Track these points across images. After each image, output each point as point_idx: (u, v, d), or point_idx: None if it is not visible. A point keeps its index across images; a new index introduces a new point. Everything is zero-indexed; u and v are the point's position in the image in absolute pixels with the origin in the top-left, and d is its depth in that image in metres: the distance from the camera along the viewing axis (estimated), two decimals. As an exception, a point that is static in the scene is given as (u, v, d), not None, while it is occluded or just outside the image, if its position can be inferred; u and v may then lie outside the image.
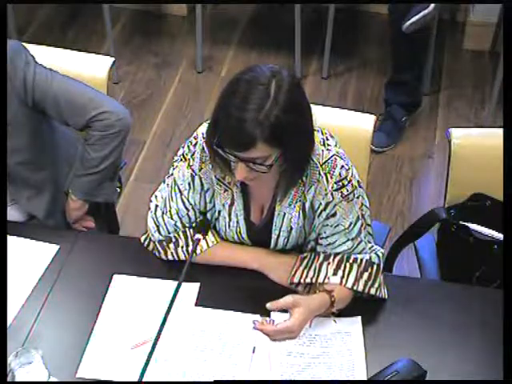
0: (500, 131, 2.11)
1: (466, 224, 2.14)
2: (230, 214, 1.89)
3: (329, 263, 1.86)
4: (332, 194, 1.79)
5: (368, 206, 1.93)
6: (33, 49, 2.12)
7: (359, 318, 1.86)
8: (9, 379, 1.62)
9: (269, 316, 1.84)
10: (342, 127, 2.14)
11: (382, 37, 4.09)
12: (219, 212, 1.90)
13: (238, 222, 1.90)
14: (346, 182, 1.79)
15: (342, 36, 4.03)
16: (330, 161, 1.79)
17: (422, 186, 3.43)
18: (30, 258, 1.97)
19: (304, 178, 1.80)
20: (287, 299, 1.79)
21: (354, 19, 4.34)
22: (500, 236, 2.10)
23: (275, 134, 1.60)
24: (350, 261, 1.86)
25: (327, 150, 1.80)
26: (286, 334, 1.78)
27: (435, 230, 2.30)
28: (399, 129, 3.61)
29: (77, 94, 2.08)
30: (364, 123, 2.19)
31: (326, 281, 1.84)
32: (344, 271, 1.85)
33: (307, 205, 1.83)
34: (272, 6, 4.32)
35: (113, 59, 2.36)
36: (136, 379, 1.59)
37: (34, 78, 2.03)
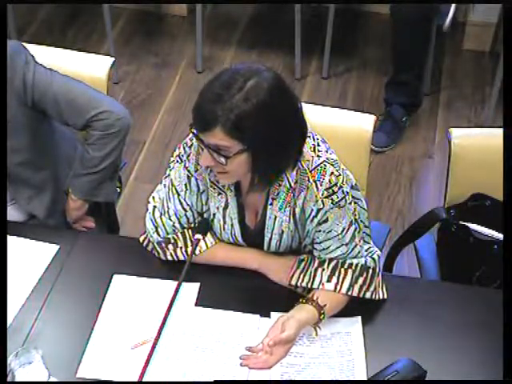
0: (500, 131, 2.11)
1: (466, 224, 2.14)
2: (224, 217, 1.89)
3: (323, 269, 1.86)
4: (322, 200, 1.78)
5: (365, 207, 1.92)
6: (33, 49, 2.12)
7: (359, 318, 1.86)
8: (9, 379, 1.62)
9: (268, 316, 1.84)
10: (342, 127, 2.14)
11: (382, 37, 4.10)
12: (214, 214, 1.90)
13: (232, 225, 1.90)
14: (336, 189, 1.78)
15: (342, 36, 4.03)
16: (319, 167, 1.78)
17: (421, 186, 3.43)
18: (30, 257, 1.97)
19: (293, 184, 1.79)
20: (286, 336, 1.74)
21: (354, 19, 4.34)
22: (500, 236, 2.10)
23: (236, 125, 1.60)
24: (345, 266, 1.86)
25: (317, 156, 1.79)
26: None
27: (435, 230, 2.30)
28: (399, 129, 3.61)
29: (77, 94, 2.08)
30: (364, 123, 2.19)
31: (321, 287, 1.84)
32: (338, 277, 1.85)
33: (297, 210, 1.82)
34: (272, 6, 4.32)
35: (113, 59, 2.36)
36: (136, 379, 1.59)
37: (34, 78, 2.03)
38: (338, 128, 2.03)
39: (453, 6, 3.42)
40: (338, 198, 1.79)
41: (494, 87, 3.65)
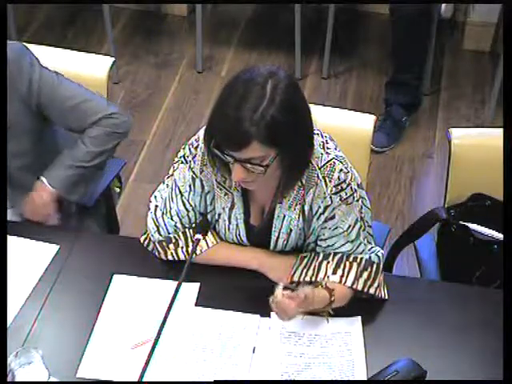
0: (500, 131, 2.11)
1: (466, 224, 2.14)
2: (229, 217, 1.89)
3: (328, 262, 1.86)
4: (331, 197, 1.79)
5: (369, 206, 1.93)
6: (33, 49, 2.12)
7: (359, 317, 1.86)
8: (9, 379, 1.62)
9: (268, 316, 1.84)
10: (342, 127, 2.14)
11: (382, 37, 4.10)
12: (219, 215, 1.90)
13: (237, 225, 1.90)
14: (344, 186, 1.79)
15: (342, 36, 4.04)
16: (328, 164, 1.79)
17: (421, 186, 3.43)
18: (30, 257, 1.97)
19: (303, 181, 1.79)
20: (302, 297, 1.73)
21: (354, 19, 4.34)
22: (500, 236, 2.10)
23: (270, 133, 1.60)
24: (350, 259, 1.86)
25: (326, 153, 1.80)
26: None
27: (435, 230, 2.30)
28: (399, 129, 3.61)
29: (82, 100, 2.08)
30: (364, 123, 2.19)
31: (326, 279, 1.84)
32: (344, 270, 1.85)
33: (306, 207, 1.83)
34: (272, 6, 4.32)
35: (113, 59, 2.36)
36: (136, 379, 1.59)
37: (40, 82, 2.02)
38: (338, 128, 2.03)
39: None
40: (346, 194, 1.79)
41: (493, 87, 3.65)
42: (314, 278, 1.85)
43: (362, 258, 1.87)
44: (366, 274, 1.86)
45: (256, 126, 1.59)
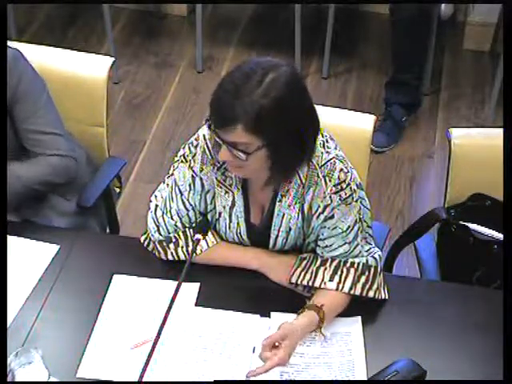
0: (500, 131, 2.11)
1: (466, 224, 2.14)
2: (230, 216, 1.89)
3: (325, 268, 1.86)
4: (330, 196, 1.79)
5: (368, 207, 1.93)
6: (33, 49, 2.12)
7: (359, 317, 1.86)
8: (9, 379, 1.62)
9: (268, 316, 1.84)
10: (342, 127, 2.14)
11: (382, 37, 4.10)
12: (219, 213, 1.90)
13: (238, 223, 1.90)
14: (344, 186, 1.79)
15: (342, 36, 4.04)
16: (328, 163, 1.79)
17: (421, 186, 3.43)
18: (30, 257, 1.97)
19: (303, 180, 1.79)
20: (278, 333, 1.72)
21: (353, 19, 4.34)
22: (500, 236, 2.10)
23: (257, 122, 1.60)
24: (347, 265, 1.86)
25: (326, 152, 1.80)
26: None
27: (435, 230, 2.30)
28: (399, 129, 3.61)
29: (48, 131, 2.10)
30: (364, 123, 2.19)
31: (323, 286, 1.84)
32: (341, 276, 1.85)
33: (306, 206, 1.83)
34: (272, 6, 4.32)
35: (113, 59, 2.36)
36: (136, 379, 1.59)
37: (26, 92, 2.03)
38: (338, 128, 2.03)
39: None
40: (345, 194, 1.79)
41: (494, 87, 3.65)
42: (311, 283, 1.85)
43: (359, 263, 1.86)
44: (363, 278, 1.85)
45: (244, 111, 1.60)
